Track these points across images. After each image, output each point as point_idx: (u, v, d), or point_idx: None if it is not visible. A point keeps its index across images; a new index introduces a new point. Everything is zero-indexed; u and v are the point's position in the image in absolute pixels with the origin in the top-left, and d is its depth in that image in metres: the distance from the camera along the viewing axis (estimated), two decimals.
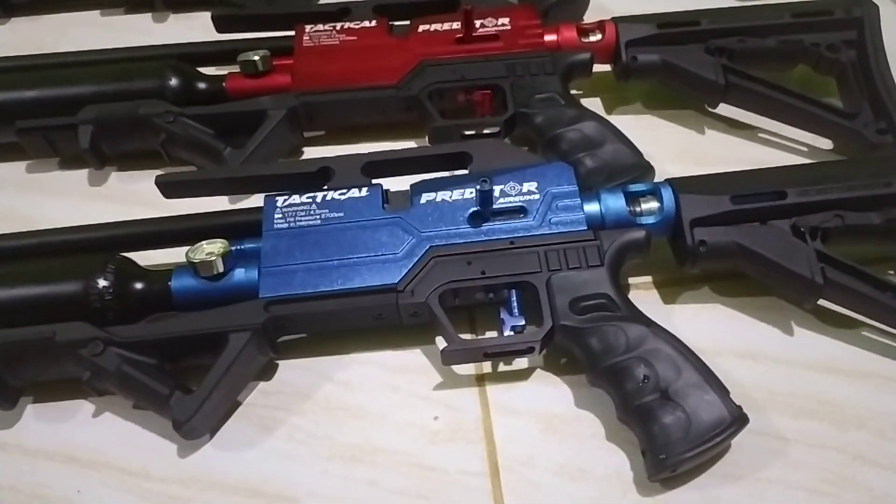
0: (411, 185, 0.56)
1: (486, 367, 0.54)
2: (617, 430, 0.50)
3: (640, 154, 0.62)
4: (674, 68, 0.67)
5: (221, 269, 0.52)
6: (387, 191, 0.56)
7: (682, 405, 0.45)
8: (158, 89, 0.67)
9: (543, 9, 0.72)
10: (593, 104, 0.72)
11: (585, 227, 0.53)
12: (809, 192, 0.53)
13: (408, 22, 0.72)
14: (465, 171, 0.57)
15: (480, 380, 0.54)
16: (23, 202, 0.68)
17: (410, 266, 0.52)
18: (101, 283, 0.51)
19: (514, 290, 0.52)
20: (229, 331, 0.49)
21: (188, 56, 0.72)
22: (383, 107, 0.67)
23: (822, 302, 0.54)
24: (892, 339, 0.54)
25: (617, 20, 0.69)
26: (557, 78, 0.66)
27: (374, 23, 0.71)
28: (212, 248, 0.52)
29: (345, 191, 0.55)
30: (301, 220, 0.54)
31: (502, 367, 0.54)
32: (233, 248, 0.53)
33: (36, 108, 0.67)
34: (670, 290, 0.58)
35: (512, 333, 0.51)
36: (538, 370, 0.54)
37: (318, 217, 0.54)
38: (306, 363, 0.55)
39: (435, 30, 0.70)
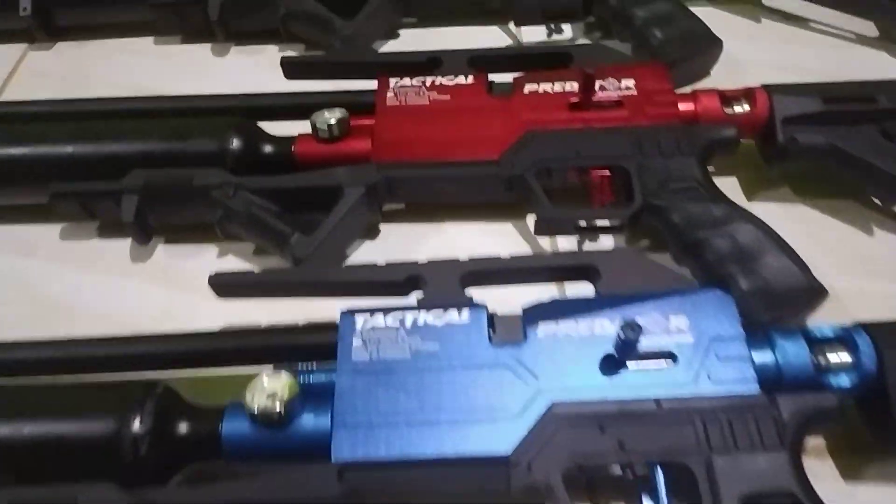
0: (524, 310, 0.43)
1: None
2: None
3: (809, 273, 0.48)
4: (844, 156, 0.53)
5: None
6: (492, 315, 0.43)
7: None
8: (218, 153, 0.55)
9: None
10: (729, 186, 0.57)
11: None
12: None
13: (510, 78, 0.59)
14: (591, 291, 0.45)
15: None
16: (55, 278, 0.57)
17: (527, 430, 0.38)
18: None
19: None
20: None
21: (252, 109, 0.60)
22: (479, 185, 0.55)
23: None
24: None
25: (770, 89, 0.55)
26: (695, 160, 0.53)
27: (470, 79, 0.58)
28: (274, 387, 0.40)
29: (441, 311, 0.42)
30: (386, 352, 0.41)
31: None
32: (300, 376, 0.41)
33: (73, 166, 0.56)
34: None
35: None
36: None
37: (406, 348, 0.41)
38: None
39: (544, 91, 0.57)
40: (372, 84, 0.59)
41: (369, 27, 0.68)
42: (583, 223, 0.52)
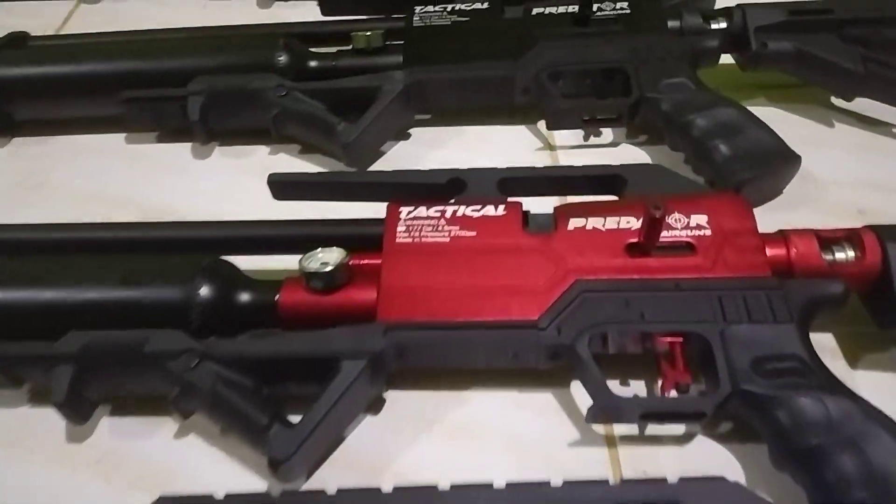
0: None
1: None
2: None
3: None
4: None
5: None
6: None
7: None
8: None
9: (734, 186, 0.53)
10: (822, 343, 0.50)
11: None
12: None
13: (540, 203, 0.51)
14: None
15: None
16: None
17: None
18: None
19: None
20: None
21: (228, 243, 0.52)
22: (515, 352, 0.45)
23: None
24: None
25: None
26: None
27: (501, 209, 0.48)
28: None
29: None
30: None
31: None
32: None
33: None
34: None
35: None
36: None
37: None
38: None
39: (594, 228, 0.47)
40: (379, 207, 0.49)
41: (376, 130, 0.60)
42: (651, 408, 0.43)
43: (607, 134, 0.65)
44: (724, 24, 0.65)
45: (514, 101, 0.64)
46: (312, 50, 0.67)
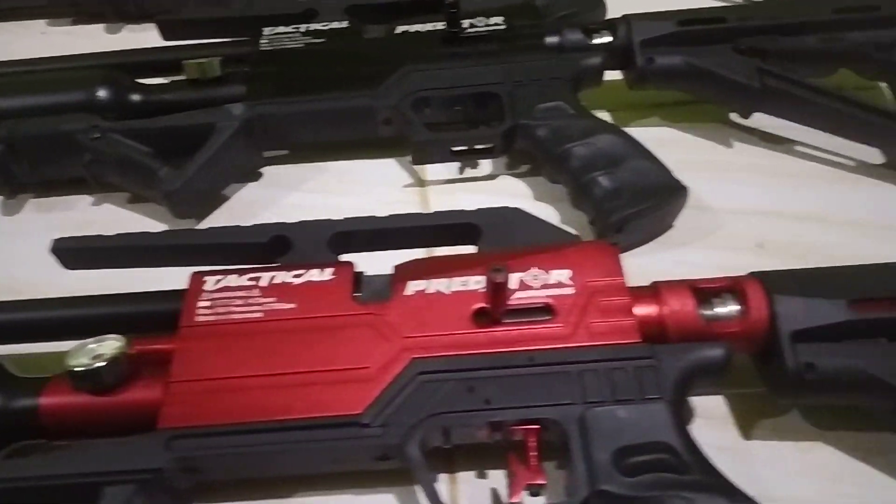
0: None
1: None
2: None
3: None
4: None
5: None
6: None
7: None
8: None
9: (616, 223, 0.47)
10: (713, 410, 0.44)
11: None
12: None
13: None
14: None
15: None
16: None
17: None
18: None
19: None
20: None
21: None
22: (334, 456, 0.37)
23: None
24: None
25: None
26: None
27: (328, 273, 0.41)
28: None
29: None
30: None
31: None
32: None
33: None
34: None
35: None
36: None
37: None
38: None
39: (436, 293, 0.39)
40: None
41: (210, 175, 0.52)
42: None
43: (485, 165, 0.58)
44: (608, 39, 0.58)
45: (378, 134, 0.56)
46: (145, 82, 0.59)
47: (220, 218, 0.55)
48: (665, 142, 0.59)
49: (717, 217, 0.53)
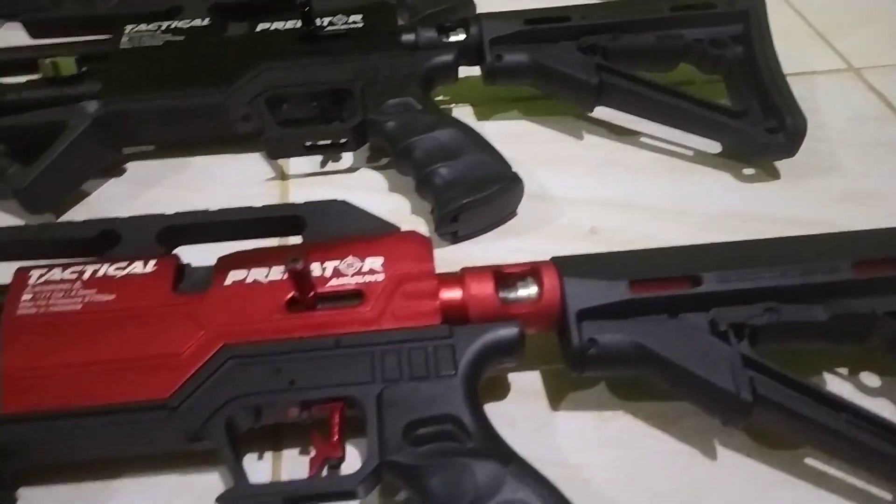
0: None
1: None
2: None
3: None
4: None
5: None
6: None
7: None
8: None
9: (451, 212, 0.51)
10: (528, 385, 0.47)
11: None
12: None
13: None
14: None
15: None
16: None
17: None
18: None
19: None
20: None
21: None
22: (147, 438, 0.39)
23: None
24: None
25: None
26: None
27: (151, 266, 0.42)
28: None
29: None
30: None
31: None
32: None
33: None
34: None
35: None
36: None
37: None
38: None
39: (254, 282, 0.41)
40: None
41: (62, 172, 0.52)
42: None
43: (347, 158, 0.60)
44: (462, 37, 0.61)
45: (237, 131, 0.58)
46: (3, 82, 0.59)
47: (78, 213, 0.56)
48: (521, 135, 0.62)
49: (557, 206, 0.56)
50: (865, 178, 0.57)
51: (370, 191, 0.58)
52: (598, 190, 0.57)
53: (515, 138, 0.61)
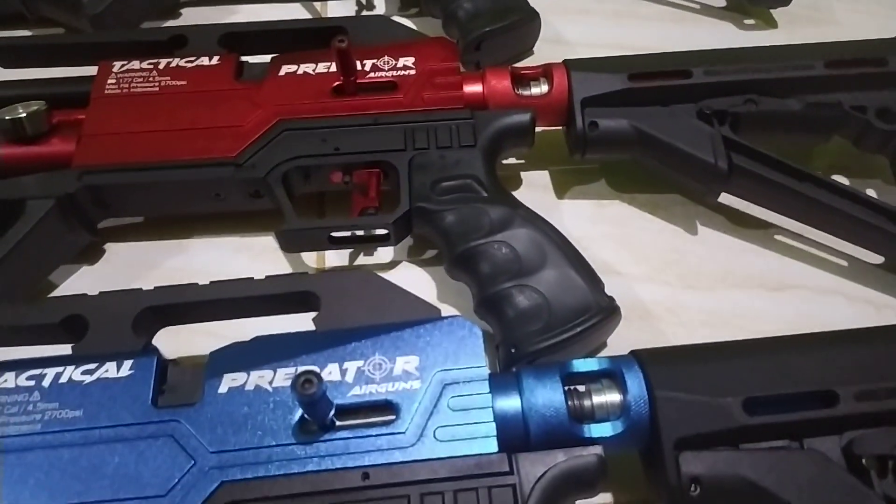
0: (211, 355, 0.34)
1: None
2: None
3: (598, 288, 0.40)
4: (652, 142, 0.45)
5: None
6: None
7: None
8: None
9: (474, 41, 0.52)
10: (538, 180, 0.50)
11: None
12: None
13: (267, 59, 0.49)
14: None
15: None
16: None
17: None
18: None
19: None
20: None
21: None
22: (215, 191, 0.44)
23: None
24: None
25: (570, 63, 0.47)
26: (479, 153, 0.44)
27: (215, 60, 0.48)
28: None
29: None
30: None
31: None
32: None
33: None
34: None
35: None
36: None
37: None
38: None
39: (304, 73, 0.47)
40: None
41: (130, 5, 0.55)
42: (342, 234, 0.44)
43: (380, 6, 0.64)
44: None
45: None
46: None
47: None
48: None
49: (571, 50, 0.61)
50: (859, 30, 0.61)
51: None
52: (611, 36, 0.62)
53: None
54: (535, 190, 0.51)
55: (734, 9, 0.63)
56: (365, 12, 0.64)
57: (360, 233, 0.43)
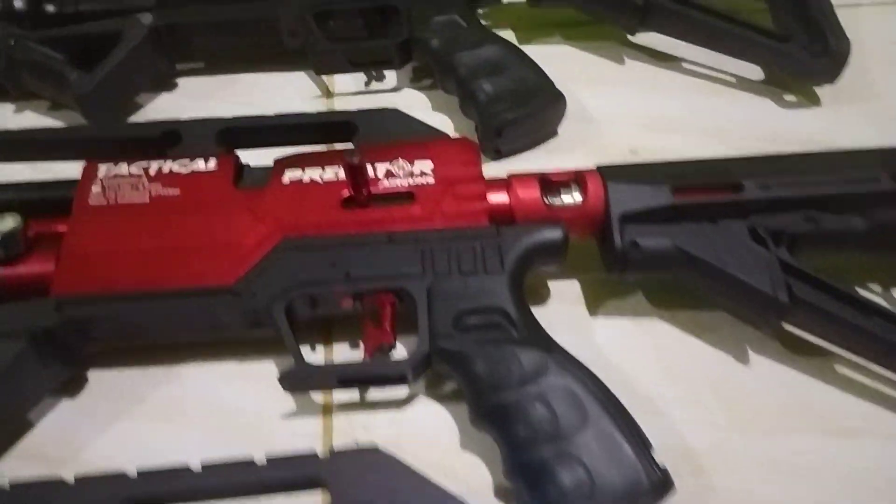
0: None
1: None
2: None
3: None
4: (700, 265, 0.41)
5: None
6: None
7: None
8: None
9: (495, 128, 0.51)
10: (569, 291, 0.48)
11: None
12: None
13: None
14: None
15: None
16: None
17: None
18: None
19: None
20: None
21: None
22: (210, 323, 0.41)
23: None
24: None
25: (605, 171, 0.45)
26: (507, 280, 0.40)
27: (212, 164, 0.43)
28: None
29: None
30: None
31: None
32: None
33: None
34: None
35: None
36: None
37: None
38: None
39: (310, 181, 0.43)
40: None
41: (120, 81, 0.53)
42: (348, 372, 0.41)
43: (391, 79, 0.61)
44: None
45: (286, 46, 0.59)
46: None
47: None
48: (563, 57, 0.62)
49: (597, 127, 0.56)
50: None
51: (414, 110, 0.54)
52: (640, 112, 0.57)
53: (557, 60, 0.59)
54: (564, 303, 0.46)
55: (774, 83, 0.58)
56: (374, 84, 0.60)
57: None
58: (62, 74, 0.53)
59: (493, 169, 0.52)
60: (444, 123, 0.57)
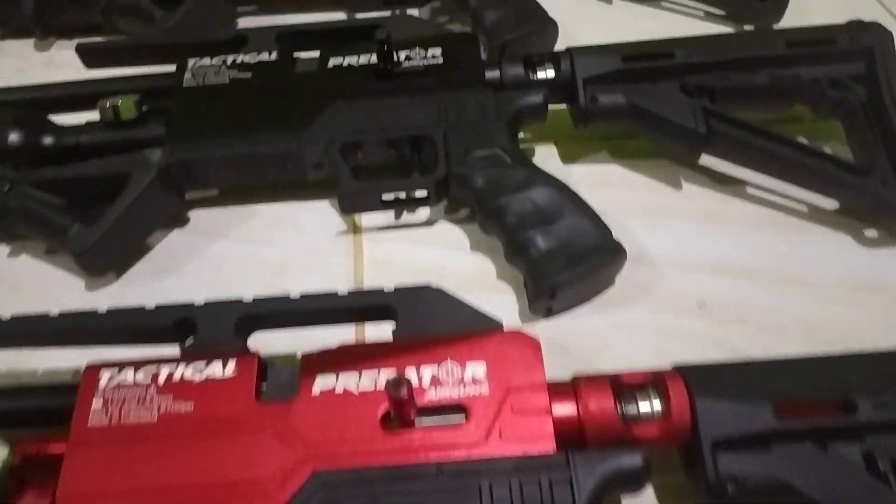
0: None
1: None
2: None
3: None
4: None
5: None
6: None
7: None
8: None
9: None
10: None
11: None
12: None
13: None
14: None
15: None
16: None
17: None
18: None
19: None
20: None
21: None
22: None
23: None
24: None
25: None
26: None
27: (231, 367, 0.39)
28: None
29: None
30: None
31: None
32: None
33: None
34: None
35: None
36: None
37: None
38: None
39: (345, 391, 0.39)
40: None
41: (126, 230, 0.52)
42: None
43: (423, 210, 0.55)
44: (551, 74, 0.54)
45: (308, 178, 0.53)
46: (59, 122, 0.54)
47: (141, 271, 0.51)
48: (612, 181, 0.56)
49: (657, 271, 0.50)
50: None
51: (450, 248, 0.52)
52: (704, 251, 0.51)
53: (606, 184, 0.55)
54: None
55: (850, 214, 0.52)
56: (406, 216, 0.54)
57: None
58: (59, 227, 0.48)
59: (540, 328, 0.46)
60: (484, 267, 0.51)
